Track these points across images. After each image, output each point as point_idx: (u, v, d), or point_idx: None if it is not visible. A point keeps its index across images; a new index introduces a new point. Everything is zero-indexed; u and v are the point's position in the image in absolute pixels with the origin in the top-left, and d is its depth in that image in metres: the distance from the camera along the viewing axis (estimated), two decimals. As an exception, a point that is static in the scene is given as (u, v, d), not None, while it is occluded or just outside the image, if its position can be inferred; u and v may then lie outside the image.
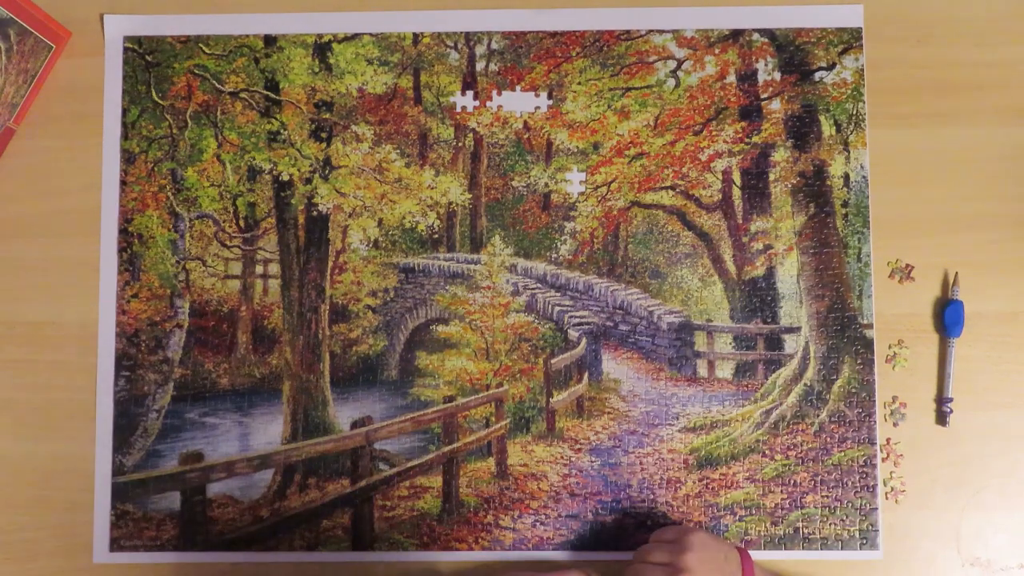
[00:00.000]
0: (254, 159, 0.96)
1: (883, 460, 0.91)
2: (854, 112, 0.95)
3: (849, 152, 0.95)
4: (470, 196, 0.96)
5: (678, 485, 0.92)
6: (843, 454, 0.91)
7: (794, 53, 0.95)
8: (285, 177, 0.95)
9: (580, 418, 0.93)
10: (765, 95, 0.95)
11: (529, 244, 0.95)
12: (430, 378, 0.94)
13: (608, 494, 0.92)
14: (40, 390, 0.94)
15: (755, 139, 0.95)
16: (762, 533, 0.91)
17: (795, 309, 0.94)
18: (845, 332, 0.93)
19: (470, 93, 0.96)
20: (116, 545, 0.92)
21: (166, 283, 0.94)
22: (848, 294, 0.93)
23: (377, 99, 0.96)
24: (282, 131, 0.96)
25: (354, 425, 0.93)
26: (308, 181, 0.95)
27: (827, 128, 0.95)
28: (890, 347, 0.93)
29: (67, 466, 0.92)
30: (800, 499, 0.91)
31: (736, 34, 0.96)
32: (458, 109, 0.96)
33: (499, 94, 0.96)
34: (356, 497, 0.92)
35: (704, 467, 0.92)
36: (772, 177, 0.95)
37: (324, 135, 0.96)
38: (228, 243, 0.95)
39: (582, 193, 0.95)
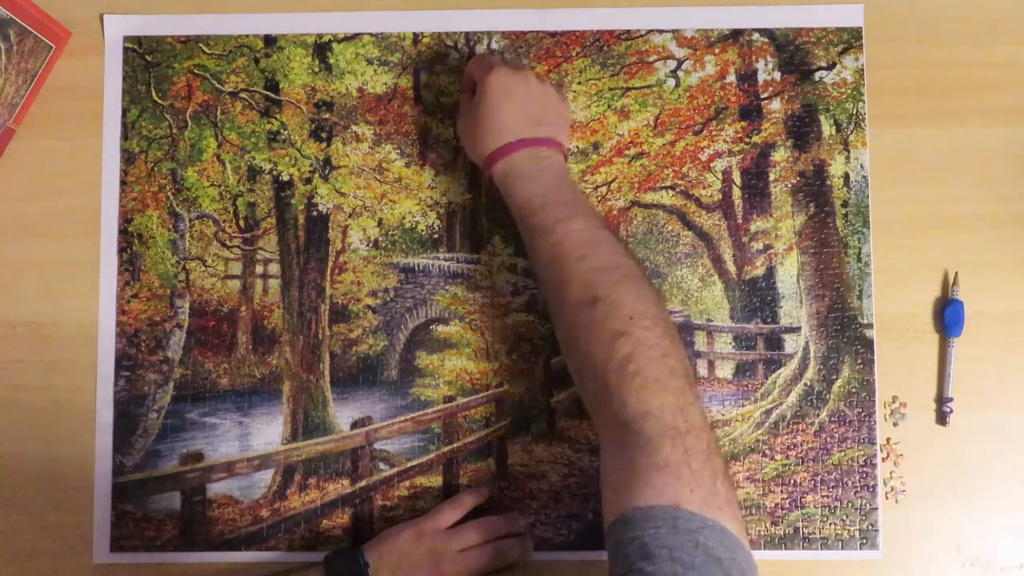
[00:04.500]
0: (254, 159, 0.95)
1: (883, 460, 0.91)
2: (854, 112, 0.95)
3: (849, 152, 0.94)
4: (470, 196, 0.96)
5: (678, 485, 0.91)
6: (843, 454, 0.91)
7: (794, 53, 0.95)
8: (285, 177, 0.95)
9: (580, 418, 0.93)
10: (765, 95, 0.95)
11: (529, 244, 0.95)
12: (430, 378, 0.94)
13: (608, 494, 0.92)
14: (40, 390, 0.93)
15: (755, 139, 0.95)
16: (762, 533, 0.91)
17: (795, 309, 0.94)
18: (845, 332, 0.93)
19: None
20: (116, 545, 0.92)
21: (166, 283, 0.94)
22: (848, 294, 0.93)
23: (377, 99, 0.96)
24: (282, 131, 0.96)
25: (354, 425, 0.93)
26: (308, 181, 0.95)
27: (827, 128, 0.95)
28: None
29: (67, 466, 0.92)
30: (800, 499, 0.91)
31: (736, 34, 0.96)
32: (458, 109, 0.96)
33: (499, 94, 0.96)
34: (356, 497, 0.92)
35: (704, 467, 0.91)
36: (772, 177, 0.95)
37: (324, 135, 0.96)
38: (228, 243, 0.95)
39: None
